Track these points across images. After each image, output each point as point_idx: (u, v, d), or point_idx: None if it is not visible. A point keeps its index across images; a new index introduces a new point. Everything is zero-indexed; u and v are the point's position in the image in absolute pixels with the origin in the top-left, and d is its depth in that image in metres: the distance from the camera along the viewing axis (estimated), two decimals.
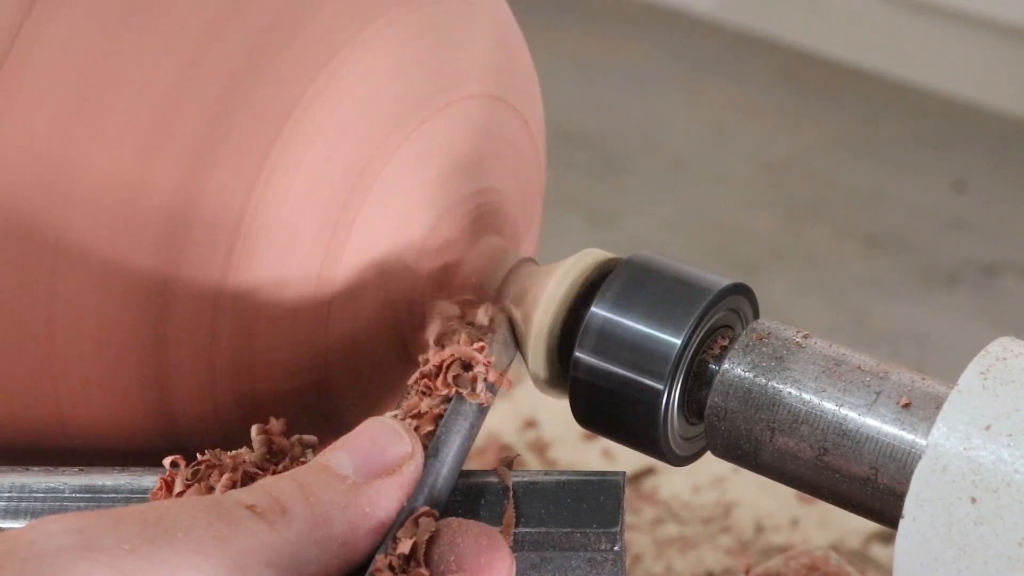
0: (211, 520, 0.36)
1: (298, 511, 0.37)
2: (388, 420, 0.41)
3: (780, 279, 1.62)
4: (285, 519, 0.37)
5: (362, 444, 0.40)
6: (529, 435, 0.78)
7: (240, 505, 0.37)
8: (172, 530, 0.35)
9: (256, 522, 0.36)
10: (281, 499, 0.37)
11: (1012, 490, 0.39)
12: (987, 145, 1.94)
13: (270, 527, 0.37)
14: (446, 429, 0.42)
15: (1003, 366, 0.42)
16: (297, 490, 0.38)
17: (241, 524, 0.36)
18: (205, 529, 0.36)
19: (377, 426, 0.41)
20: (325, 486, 0.38)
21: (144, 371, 0.44)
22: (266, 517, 0.37)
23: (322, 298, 0.46)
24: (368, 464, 0.39)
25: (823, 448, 0.44)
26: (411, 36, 0.47)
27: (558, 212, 1.61)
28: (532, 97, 0.55)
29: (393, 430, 0.41)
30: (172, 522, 0.35)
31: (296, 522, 0.37)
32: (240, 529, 0.36)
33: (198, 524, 0.36)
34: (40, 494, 0.43)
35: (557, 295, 0.47)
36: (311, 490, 0.38)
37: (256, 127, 0.43)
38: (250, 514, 0.37)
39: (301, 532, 0.37)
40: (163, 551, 0.35)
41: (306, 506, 0.37)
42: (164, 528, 0.35)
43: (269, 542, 0.36)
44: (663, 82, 2.09)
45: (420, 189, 0.47)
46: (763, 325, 0.46)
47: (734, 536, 0.72)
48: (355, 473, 0.39)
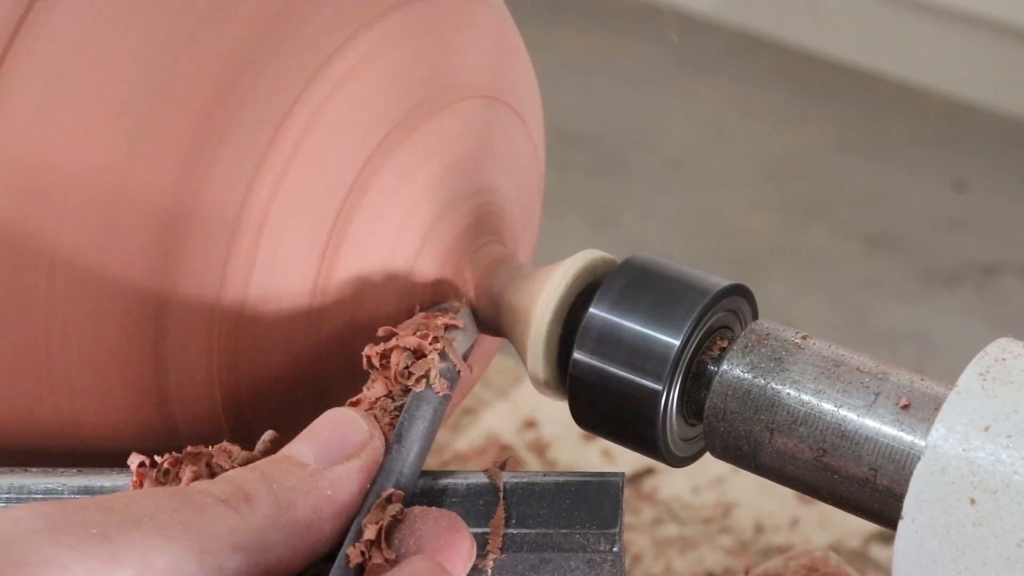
0: (176, 507, 0.37)
1: (262, 497, 0.38)
2: (345, 409, 0.42)
3: (780, 279, 1.63)
4: (249, 504, 0.38)
5: (320, 433, 0.41)
6: (529, 435, 0.78)
7: (205, 493, 0.38)
8: (137, 515, 0.36)
9: (221, 508, 0.37)
10: (244, 486, 0.38)
11: (1011, 491, 0.39)
12: (987, 145, 1.94)
13: (235, 512, 0.37)
14: (408, 415, 0.43)
15: (1002, 367, 0.42)
16: (260, 478, 0.39)
17: (207, 510, 0.37)
18: (170, 515, 0.36)
19: (335, 415, 0.42)
20: (287, 473, 0.39)
21: (142, 374, 0.44)
22: (231, 504, 0.38)
23: (319, 300, 0.46)
24: (328, 451, 0.41)
25: (822, 449, 0.44)
26: (410, 37, 0.47)
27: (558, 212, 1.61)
28: (531, 97, 0.55)
29: (350, 417, 0.42)
30: (137, 508, 0.36)
31: (260, 507, 0.38)
32: (205, 515, 0.37)
33: (163, 510, 0.36)
34: (39, 495, 0.43)
35: (556, 296, 0.47)
36: (273, 477, 0.39)
37: (252, 130, 0.43)
38: (215, 501, 0.37)
39: (266, 517, 0.38)
40: (130, 535, 0.35)
41: (269, 492, 0.38)
42: (129, 514, 0.36)
43: (234, 526, 0.37)
44: (663, 82, 2.09)
45: (418, 190, 0.47)
46: (762, 326, 0.46)
47: (734, 536, 0.72)
48: (315, 460, 0.40)
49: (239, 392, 0.46)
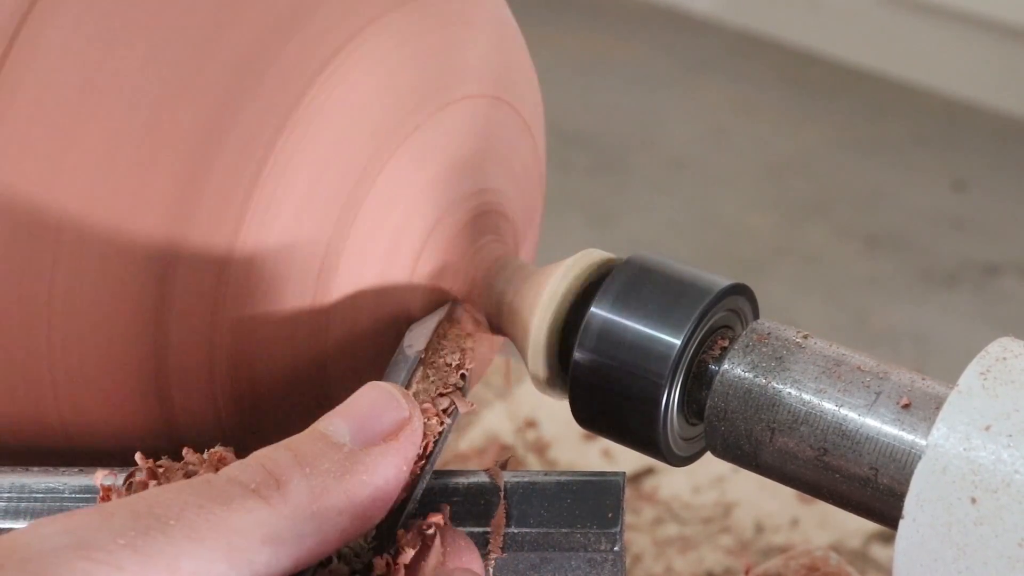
0: (202, 503, 0.35)
1: (295, 484, 0.37)
2: (386, 385, 0.40)
3: (780, 279, 1.63)
4: (281, 493, 0.36)
5: (359, 410, 0.39)
6: (529, 435, 0.78)
7: (233, 483, 0.36)
8: (164, 518, 0.35)
9: (250, 499, 0.36)
10: (276, 472, 0.37)
11: (1012, 491, 0.39)
12: (987, 145, 1.94)
13: (265, 503, 0.36)
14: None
15: (1003, 366, 0.42)
16: (293, 461, 0.37)
17: (234, 503, 0.36)
18: (197, 513, 0.35)
19: (374, 391, 0.40)
20: (321, 456, 0.38)
21: (143, 373, 0.44)
22: (261, 493, 0.36)
23: (321, 301, 0.46)
24: (365, 430, 0.39)
25: (823, 448, 0.44)
26: (410, 36, 0.47)
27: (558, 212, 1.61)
28: (532, 97, 0.55)
29: (390, 395, 0.40)
30: (163, 510, 0.35)
31: (293, 496, 0.36)
32: (233, 508, 0.35)
33: (189, 508, 0.35)
34: (40, 494, 0.43)
35: (556, 295, 0.47)
36: (307, 460, 0.37)
37: (252, 132, 0.43)
38: (243, 491, 0.36)
39: (299, 506, 0.36)
40: (157, 541, 0.34)
41: (303, 478, 0.37)
42: (155, 517, 0.35)
43: (264, 519, 0.36)
44: (663, 82, 2.09)
45: (419, 190, 0.47)
46: (763, 325, 0.46)
47: (734, 536, 0.72)
48: (352, 440, 0.38)
49: (240, 392, 0.46)
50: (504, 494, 0.42)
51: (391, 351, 0.49)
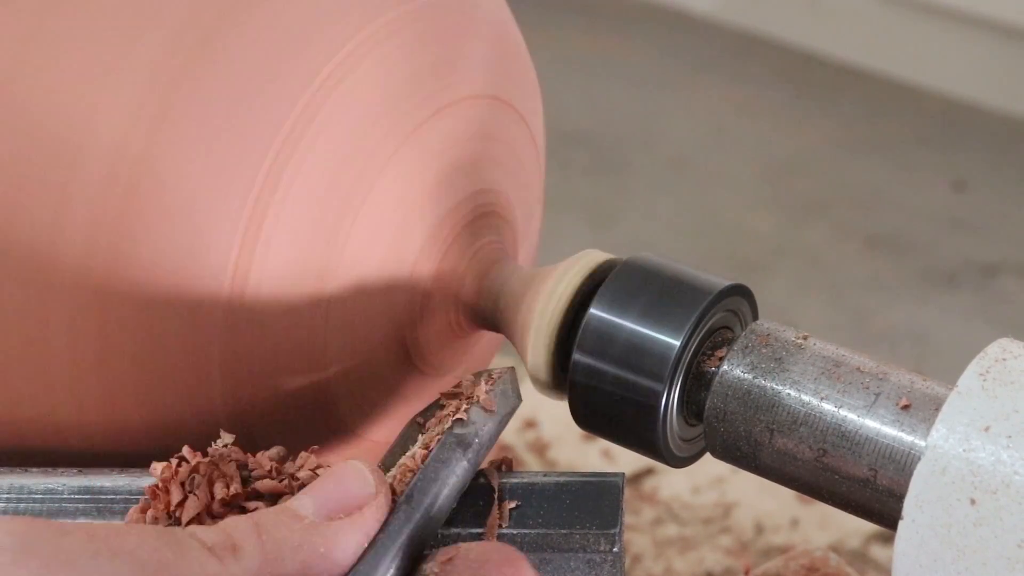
0: (158, 546, 0.36)
1: (248, 549, 0.38)
2: (356, 463, 0.41)
3: (780, 279, 1.62)
4: (235, 555, 0.37)
5: (325, 485, 0.40)
6: (529, 435, 0.78)
7: (192, 537, 0.37)
8: (116, 549, 0.35)
9: (204, 554, 0.37)
10: (233, 536, 0.38)
11: (1011, 491, 0.39)
12: (987, 145, 1.94)
13: (218, 561, 0.37)
14: (423, 476, 0.42)
15: (1002, 367, 0.42)
16: (251, 528, 0.38)
17: (189, 555, 0.37)
18: (150, 553, 0.36)
19: (342, 468, 0.41)
20: (280, 525, 0.39)
21: (141, 374, 0.44)
22: (215, 552, 0.37)
23: (320, 302, 0.45)
24: (328, 504, 0.40)
25: (822, 449, 0.44)
26: (410, 38, 0.47)
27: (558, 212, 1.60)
28: (532, 97, 0.55)
29: (358, 472, 0.41)
30: (119, 541, 0.36)
31: (245, 559, 0.37)
32: (186, 559, 0.36)
33: (145, 547, 0.36)
34: (39, 495, 0.43)
35: (556, 296, 0.47)
36: (265, 528, 0.38)
37: (253, 133, 0.43)
38: (200, 546, 0.37)
39: (249, 569, 0.37)
40: (102, 566, 0.35)
41: (258, 544, 0.38)
42: (108, 545, 0.35)
43: (213, 574, 0.37)
44: (663, 82, 2.09)
45: (419, 191, 0.47)
46: (762, 326, 0.46)
47: (734, 536, 0.71)
48: (314, 513, 0.39)
49: (240, 394, 0.46)
50: (498, 495, 0.42)
51: (390, 352, 0.49)
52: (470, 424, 0.43)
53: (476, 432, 0.44)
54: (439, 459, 0.42)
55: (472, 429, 0.43)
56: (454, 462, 0.43)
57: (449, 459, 0.43)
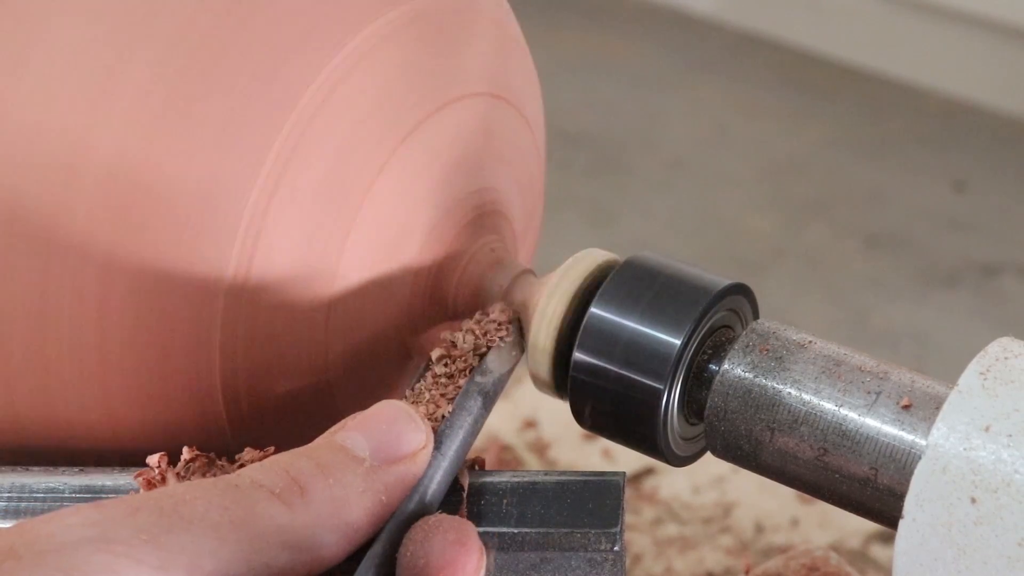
0: (227, 504, 0.36)
1: (317, 493, 0.37)
2: (404, 405, 0.41)
3: (780, 279, 1.62)
4: (303, 500, 0.37)
5: (379, 427, 0.39)
6: (529, 435, 0.78)
7: (257, 486, 0.36)
8: (189, 517, 0.35)
9: (274, 504, 0.36)
10: (299, 478, 0.37)
11: (1012, 490, 0.39)
12: (987, 145, 1.94)
13: (288, 508, 0.36)
14: (450, 423, 0.42)
15: (1003, 366, 0.42)
16: (316, 470, 0.37)
17: (258, 507, 0.36)
18: (221, 514, 0.35)
19: (393, 410, 0.40)
20: (344, 468, 0.38)
21: (143, 373, 0.44)
22: (283, 498, 0.36)
23: (321, 301, 0.45)
24: (385, 449, 0.39)
25: (823, 448, 0.44)
26: (411, 36, 0.47)
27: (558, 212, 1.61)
28: (532, 96, 0.55)
29: (410, 416, 0.40)
30: (189, 509, 0.35)
31: (314, 504, 0.37)
32: (257, 512, 0.36)
33: (214, 509, 0.35)
34: (40, 494, 0.43)
35: (557, 295, 0.47)
36: (330, 471, 0.37)
37: (252, 134, 0.43)
38: (267, 495, 0.36)
39: (320, 514, 0.37)
40: (180, 538, 0.35)
41: (326, 488, 0.37)
42: (180, 516, 0.35)
43: (285, 524, 0.36)
44: (663, 82, 2.09)
45: (419, 189, 0.47)
46: (763, 325, 0.46)
47: (734, 536, 0.72)
48: (372, 456, 0.38)
49: (241, 394, 0.46)
50: (466, 495, 0.42)
51: (391, 350, 0.49)
52: (488, 373, 0.44)
53: (493, 380, 0.44)
54: (462, 407, 0.42)
55: (490, 378, 0.44)
56: (476, 410, 0.43)
57: (472, 407, 0.43)
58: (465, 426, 0.42)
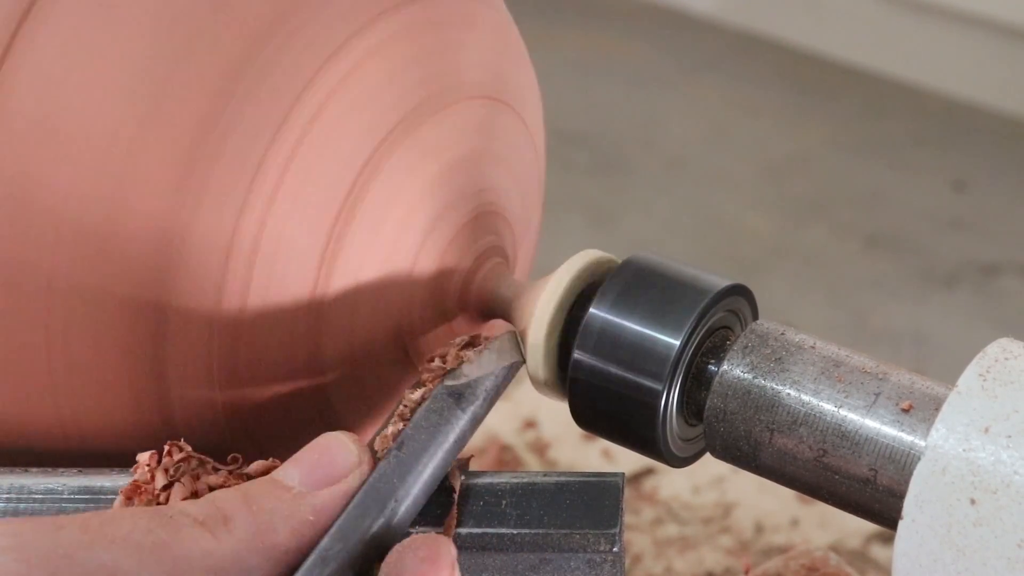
0: (151, 527, 0.37)
1: (240, 520, 0.38)
2: (337, 433, 0.42)
3: (780, 279, 1.62)
4: (227, 527, 0.38)
5: (309, 456, 0.41)
6: (529, 435, 0.78)
7: (183, 514, 0.38)
8: (111, 535, 0.36)
9: (197, 530, 0.37)
10: (224, 508, 0.38)
11: (1011, 491, 0.39)
12: (987, 145, 1.94)
13: (211, 534, 0.37)
14: (415, 424, 0.42)
15: (1002, 367, 0.42)
16: (240, 499, 0.39)
17: (182, 531, 0.37)
18: (144, 535, 0.36)
19: (325, 439, 0.42)
20: (268, 496, 0.39)
21: (142, 377, 0.44)
22: (207, 525, 0.38)
23: (318, 304, 0.45)
24: (314, 474, 0.40)
25: (822, 449, 0.44)
26: (410, 36, 0.47)
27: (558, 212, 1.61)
28: (531, 97, 0.55)
29: (340, 441, 0.41)
30: (112, 528, 0.36)
31: (238, 530, 0.38)
32: (180, 536, 0.37)
33: (138, 530, 0.37)
34: (39, 495, 0.43)
35: (556, 296, 0.47)
36: (254, 500, 0.39)
37: (251, 133, 0.43)
38: (192, 522, 0.37)
39: (243, 540, 0.38)
40: (99, 555, 0.36)
41: (248, 514, 0.38)
42: (103, 534, 0.36)
43: (210, 549, 0.37)
44: (663, 82, 2.09)
45: (418, 190, 0.47)
46: (762, 326, 0.46)
47: (734, 536, 0.71)
48: (301, 483, 0.40)
49: (240, 396, 0.46)
50: (457, 496, 0.42)
51: (389, 353, 0.49)
52: (461, 376, 0.44)
53: (470, 384, 0.44)
54: (432, 409, 0.43)
55: (464, 381, 0.43)
56: (448, 412, 0.43)
57: (442, 409, 0.43)
58: (437, 428, 0.42)
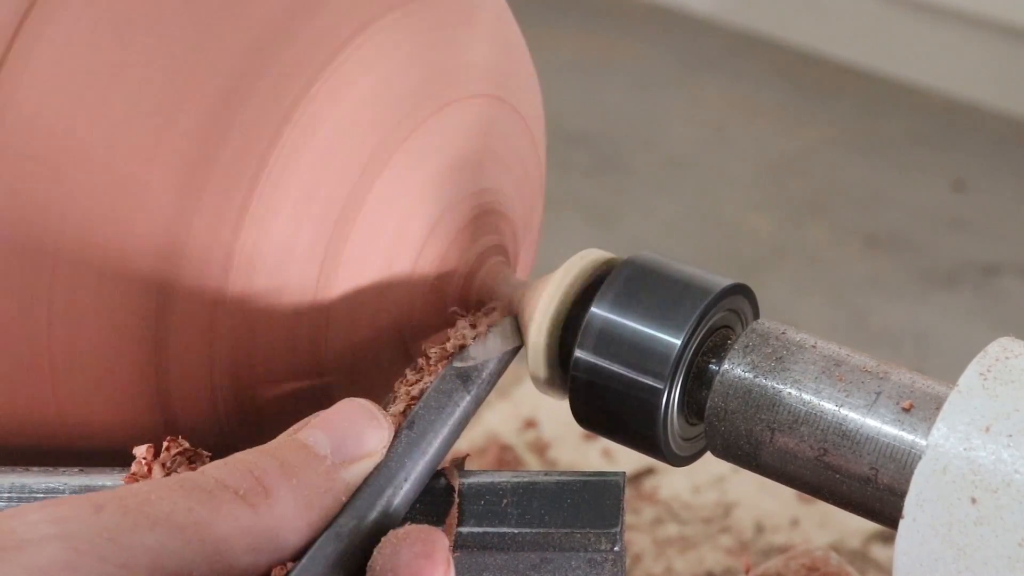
0: (192, 504, 0.36)
1: (282, 495, 0.37)
2: (367, 403, 0.40)
3: (780, 279, 1.63)
4: (268, 501, 0.36)
5: (340, 424, 0.39)
6: (529, 435, 0.78)
7: (221, 486, 0.36)
8: (153, 516, 0.35)
9: (238, 506, 0.36)
10: (264, 480, 0.37)
11: (1012, 490, 0.39)
12: (987, 145, 1.94)
13: (252, 511, 0.36)
14: (425, 404, 0.42)
15: (1003, 366, 0.42)
16: (280, 470, 0.37)
17: (223, 508, 0.36)
18: (185, 515, 0.35)
19: (354, 407, 0.40)
20: (306, 467, 0.38)
21: (143, 373, 0.44)
22: (248, 500, 0.36)
23: (321, 302, 0.45)
24: (346, 446, 0.39)
25: (823, 448, 0.44)
26: (410, 36, 0.47)
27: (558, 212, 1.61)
28: (532, 97, 0.55)
29: (370, 413, 0.40)
30: (153, 508, 0.35)
31: (279, 505, 0.36)
32: (222, 513, 0.36)
33: (178, 509, 0.35)
34: (40, 494, 0.43)
35: (557, 295, 0.47)
36: (294, 471, 0.37)
37: (252, 133, 0.43)
38: (232, 497, 0.36)
39: (284, 516, 0.36)
40: (144, 538, 0.34)
41: (290, 489, 0.37)
42: (145, 515, 0.35)
43: (250, 526, 0.36)
44: (663, 82, 2.09)
45: (419, 190, 0.47)
46: (763, 325, 0.46)
47: (734, 536, 0.71)
48: (333, 454, 0.38)
49: (241, 394, 0.46)
50: (458, 494, 0.42)
51: (390, 353, 0.49)
52: (469, 359, 0.43)
53: (477, 367, 0.44)
54: (440, 389, 0.42)
55: (472, 364, 0.44)
56: (455, 394, 0.43)
57: (450, 391, 0.43)
58: (444, 408, 0.42)
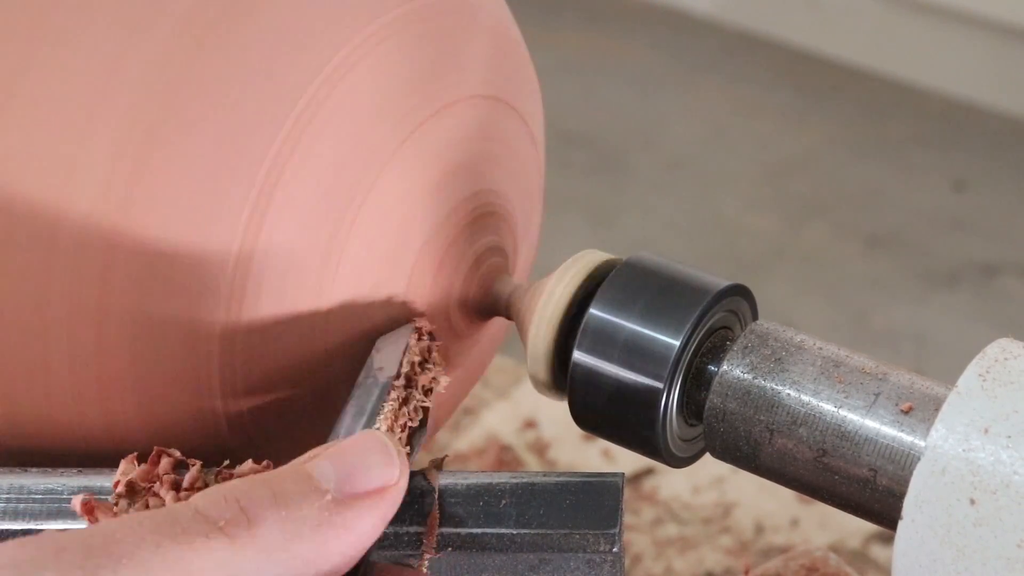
0: (160, 541, 0.33)
1: (268, 525, 0.34)
2: (381, 435, 0.39)
3: (780, 279, 1.63)
4: (250, 533, 0.34)
5: (350, 457, 0.37)
6: (529, 435, 0.78)
7: (199, 518, 0.34)
8: (117, 556, 0.33)
9: (215, 538, 0.34)
10: (249, 509, 0.35)
11: (1011, 492, 0.39)
12: (987, 145, 1.94)
13: (231, 543, 0.34)
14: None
15: (1002, 368, 0.42)
16: (271, 500, 0.35)
17: (196, 542, 0.33)
18: (152, 552, 0.33)
19: (370, 440, 0.38)
20: (302, 499, 0.35)
21: (141, 375, 0.44)
22: (227, 531, 0.34)
23: (321, 303, 0.45)
24: (352, 481, 0.36)
25: (822, 449, 0.44)
26: (410, 37, 0.47)
27: (558, 212, 1.61)
28: (532, 97, 0.55)
29: (385, 448, 0.38)
30: (117, 547, 0.33)
31: (262, 537, 0.34)
32: (195, 548, 0.33)
33: (145, 547, 0.33)
34: (38, 495, 0.43)
35: (555, 296, 0.47)
36: (286, 502, 0.35)
37: (251, 136, 0.43)
38: (208, 528, 0.34)
39: (266, 548, 0.34)
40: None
41: (277, 521, 0.35)
42: (108, 554, 0.33)
43: (226, 560, 0.34)
44: (663, 82, 2.09)
45: (419, 191, 0.47)
46: (762, 326, 0.46)
47: (734, 536, 0.71)
48: (337, 488, 0.36)
49: (242, 404, 0.46)
50: (438, 495, 0.42)
51: None
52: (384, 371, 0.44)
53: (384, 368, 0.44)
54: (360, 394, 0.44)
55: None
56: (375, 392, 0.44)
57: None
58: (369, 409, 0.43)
